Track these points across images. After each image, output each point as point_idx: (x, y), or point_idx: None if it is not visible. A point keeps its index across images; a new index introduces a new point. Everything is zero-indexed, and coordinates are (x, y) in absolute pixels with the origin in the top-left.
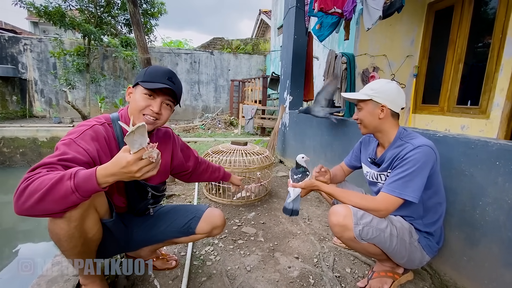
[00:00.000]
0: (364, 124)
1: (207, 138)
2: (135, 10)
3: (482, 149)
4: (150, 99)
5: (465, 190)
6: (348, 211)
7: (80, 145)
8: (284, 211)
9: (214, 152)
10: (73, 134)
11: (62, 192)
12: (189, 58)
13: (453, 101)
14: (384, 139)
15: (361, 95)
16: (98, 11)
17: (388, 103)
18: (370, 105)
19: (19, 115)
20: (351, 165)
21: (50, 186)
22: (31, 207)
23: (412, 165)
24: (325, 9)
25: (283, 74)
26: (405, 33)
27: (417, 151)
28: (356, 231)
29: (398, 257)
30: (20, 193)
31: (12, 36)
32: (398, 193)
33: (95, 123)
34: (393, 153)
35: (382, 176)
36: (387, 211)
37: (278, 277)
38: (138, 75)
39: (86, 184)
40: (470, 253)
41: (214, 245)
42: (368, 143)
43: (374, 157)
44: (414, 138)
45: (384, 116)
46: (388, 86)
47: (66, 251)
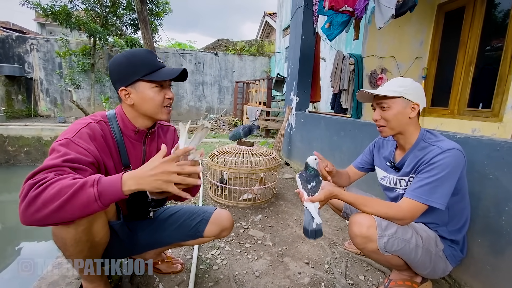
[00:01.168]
0: (391, 125)
1: (211, 139)
2: (142, 7)
3: (509, 151)
4: (161, 90)
5: (490, 195)
6: (372, 222)
7: (80, 144)
8: (306, 234)
9: (220, 153)
10: (69, 133)
11: (84, 200)
12: (193, 59)
13: (463, 104)
14: (405, 141)
15: (390, 91)
16: (103, 11)
17: (420, 101)
18: (401, 103)
19: (24, 114)
20: (362, 168)
21: (71, 194)
22: (46, 216)
23: (441, 170)
24: (336, 7)
25: (289, 74)
26: (414, 34)
27: (447, 155)
28: (381, 243)
29: (421, 268)
30: (30, 202)
31: (19, 36)
32: (424, 199)
33: (90, 121)
34: (416, 156)
35: (402, 181)
36: (412, 219)
37: (288, 284)
38: (124, 72)
39: (110, 191)
40: (495, 262)
41: (220, 248)
42: (383, 145)
43: (393, 161)
44: (441, 141)
45: (414, 116)
46: (416, 84)
47: (71, 255)
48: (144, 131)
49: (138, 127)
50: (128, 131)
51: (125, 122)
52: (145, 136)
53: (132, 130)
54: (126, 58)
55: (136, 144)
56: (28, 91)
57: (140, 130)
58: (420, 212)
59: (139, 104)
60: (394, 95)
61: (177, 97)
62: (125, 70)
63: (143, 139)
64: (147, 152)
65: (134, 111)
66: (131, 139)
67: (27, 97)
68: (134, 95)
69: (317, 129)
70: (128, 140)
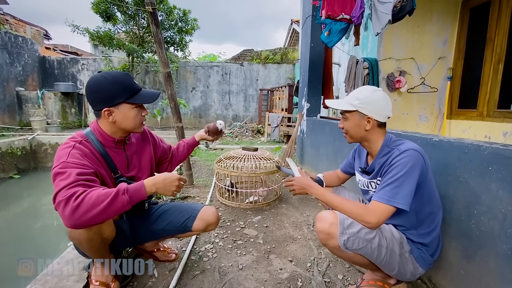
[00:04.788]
0: (350, 135)
1: (234, 146)
2: (157, 30)
3: (475, 153)
4: (139, 109)
5: (461, 198)
6: (335, 219)
7: (76, 163)
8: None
9: (226, 158)
10: (62, 158)
11: (119, 205)
12: (220, 70)
13: (493, 105)
14: (371, 148)
15: (346, 105)
16: (140, 32)
17: (374, 115)
18: (356, 116)
19: (76, 125)
20: (346, 171)
21: (110, 201)
22: (90, 219)
23: (400, 170)
24: (333, 16)
25: (301, 82)
26: (436, 33)
27: (404, 155)
28: (341, 240)
29: (387, 268)
30: (74, 209)
31: (73, 57)
32: (387, 200)
33: (73, 143)
34: (381, 161)
35: (372, 183)
36: (379, 222)
37: (267, 277)
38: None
39: (137, 196)
40: (467, 266)
41: (214, 243)
42: (361, 150)
43: (365, 166)
44: (401, 144)
45: (371, 128)
46: (375, 96)
47: (86, 249)
48: (122, 139)
49: (117, 138)
50: (108, 143)
51: (104, 136)
52: (124, 143)
53: (112, 141)
54: (108, 82)
55: (118, 151)
56: (79, 105)
57: (119, 139)
58: (386, 213)
59: (120, 121)
60: (349, 109)
61: (205, 106)
62: (108, 93)
63: (123, 146)
64: (129, 156)
65: (114, 127)
66: (112, 149)
67: (78, 110)
68: (117, 114)
69: (323, 134)
70: (110, 150)
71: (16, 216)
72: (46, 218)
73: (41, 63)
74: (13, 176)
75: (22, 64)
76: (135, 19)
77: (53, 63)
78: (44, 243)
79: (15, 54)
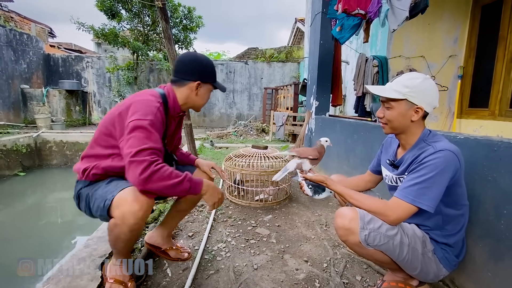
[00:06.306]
0: (392, 125)
1: (238, 144)
2: (167, 26)
3: (505, 151)
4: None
5: (489, 198)
6: (355, 214)
7: (159, 128)
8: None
9: (235, 156)
10: (149, 115)
11: (182, 188)
12: (225, 69)
13: (505, 104)
14: (407, 140)
15: (393, 92)
16: (145, 30)
17: (425, 105)
18: (403, 106)
19: (80, 123)
20: (376, 170)
21: (179, 181)
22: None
23: (430, 170)
24: (349, 10)
25: (309, 79)
26: (446, 31)
27: (438, 155)
28: (362, 236)
29: (409, 267)
30: (152, 173)
31: (77, 55)
32: (411, 199)
33: (158, 104)
34: (413, 154)
35: (401, 179)
36: (398, 219)
37: (283, 278)
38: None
39: (195, 188)
40: (495, 268)
41: (227, 242)
42: (389, 144)
43: (394, 159)
44: (438, 141)
45: (417, 119)
46: (426, 84)
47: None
48: (182, 114)
49: (181, 111)
50: (174, 113)
51: (175, 104)
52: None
53: (178, 112)
54: (210, 62)
55: (173, 122)
56: (84, 102)
57: (181, 113)
58: (407, 212)
59: (198, 98)
60: (397, 97)
61: (209, 105)
62: (207, 71)
63: (178, 119)
64: (175, 128)
65: (190, 100)
66: (172, 119)
67: (83, 108)
68: (200, 91)
69: (333, 132)
70: (171, 119)
71: (21, 213)
72: (51, 216)
73: (46, 60)
74: (18, 174)
75: (27, 62)
76: (139, 17)
77: (57, 60)
78: (48, 240)
79: (20, 51)
